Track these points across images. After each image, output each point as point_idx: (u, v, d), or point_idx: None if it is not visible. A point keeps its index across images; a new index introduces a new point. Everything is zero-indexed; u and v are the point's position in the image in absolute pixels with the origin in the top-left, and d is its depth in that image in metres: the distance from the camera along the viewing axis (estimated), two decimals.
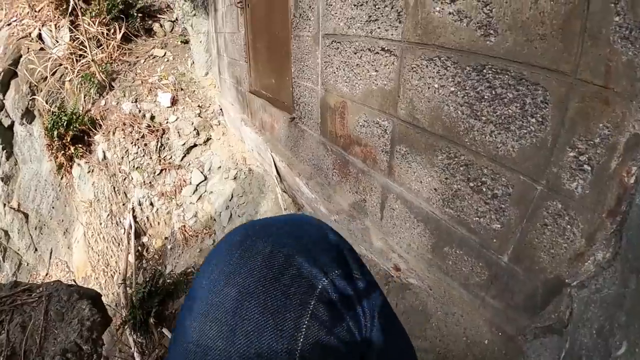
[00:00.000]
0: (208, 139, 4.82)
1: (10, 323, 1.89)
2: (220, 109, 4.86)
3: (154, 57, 5.55)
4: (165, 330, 3.87)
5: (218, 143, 4.74)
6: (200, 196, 4.74)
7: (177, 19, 5.89)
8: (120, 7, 5.33)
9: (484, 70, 1.14)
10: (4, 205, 7.15)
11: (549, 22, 0.94)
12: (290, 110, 2.80)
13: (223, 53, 4.53)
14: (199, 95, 5.08)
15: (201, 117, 4.80)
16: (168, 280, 4.26)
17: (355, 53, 1.75)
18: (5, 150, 6.86)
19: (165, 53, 5.62)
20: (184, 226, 4.73)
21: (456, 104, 1.28)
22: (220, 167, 4.72)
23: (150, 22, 5.87)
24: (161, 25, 5.95)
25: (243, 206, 4.28)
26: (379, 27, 1.56)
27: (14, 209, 7.07)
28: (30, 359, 1.73)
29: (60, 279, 6.81)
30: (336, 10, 1.82)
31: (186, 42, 5.65)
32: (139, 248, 5.24)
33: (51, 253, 7.20)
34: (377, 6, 1.54)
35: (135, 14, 5.58)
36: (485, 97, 1.16)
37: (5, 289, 2.11)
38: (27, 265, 7.63)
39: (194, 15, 4.77)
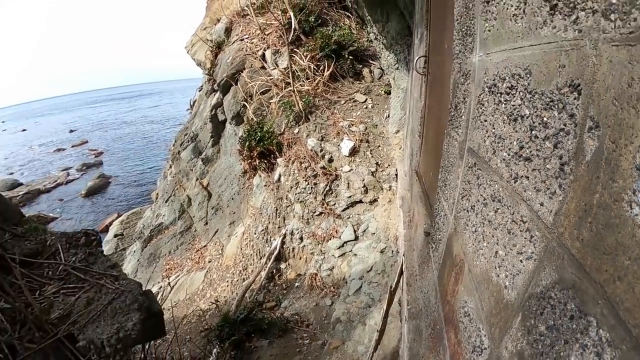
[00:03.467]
0: (374, 200, 4.57)
1: (83, 292, 2.06)
2: (396, 174, 4.53)
3: (354, 101, 5.63)
4: None
5: (382, 209, 4.42)
6: (344, 254, 4.53)
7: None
8: (333, 47, 5.61)
9: None
10: (197, 179, 8.58)
11: None
12: (431, 220, 2.10)
13: (410, 117, 3.97)
14: (382, 153, 4.86)
15: (374, 177, 4.58)
16: (267, 316, 4.24)
17: (493, 200, 1.01)
18: (213, 138, 8.21)
19: (366, 99, 5.64)
20: (316, 274, 4.62)
21: None
22: (374, 233, 4.40)
23: (360, 66, 6.02)
24: (370, 71, 6.03)
25: (375, 286, 3.87)
26: (528, 177, 0.77)
27: (202, 185, 8.41)
28: (71, 330, 1.84)
29: (213, 256, 7.79)
30: (487, 114, 1.07)
31: (389, 93, 5.52)
32: (274, 270, 5.42)
33: (216, 232, 8.28)
34: (535, 128, 0.74)
35: (347, 56, 5.79)
36: None
37: (104, 265, 2.33)
38: (195, 231, 9.03)
39: (397, 68, 4.55)
